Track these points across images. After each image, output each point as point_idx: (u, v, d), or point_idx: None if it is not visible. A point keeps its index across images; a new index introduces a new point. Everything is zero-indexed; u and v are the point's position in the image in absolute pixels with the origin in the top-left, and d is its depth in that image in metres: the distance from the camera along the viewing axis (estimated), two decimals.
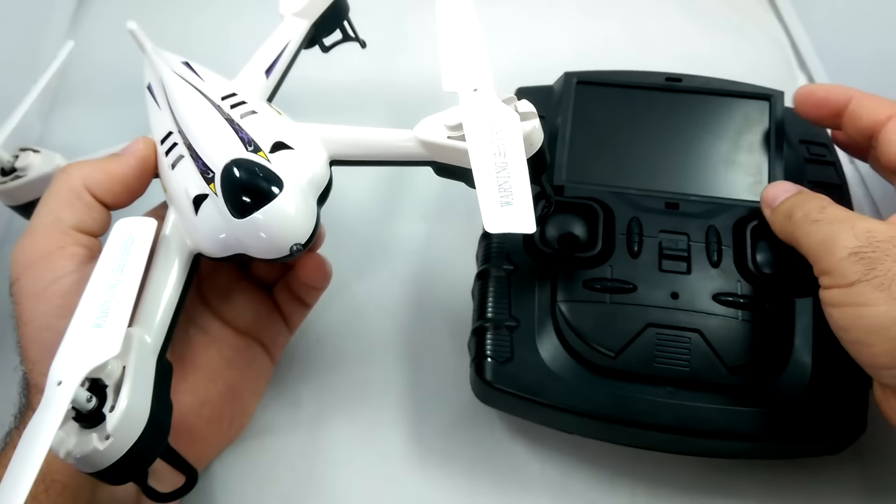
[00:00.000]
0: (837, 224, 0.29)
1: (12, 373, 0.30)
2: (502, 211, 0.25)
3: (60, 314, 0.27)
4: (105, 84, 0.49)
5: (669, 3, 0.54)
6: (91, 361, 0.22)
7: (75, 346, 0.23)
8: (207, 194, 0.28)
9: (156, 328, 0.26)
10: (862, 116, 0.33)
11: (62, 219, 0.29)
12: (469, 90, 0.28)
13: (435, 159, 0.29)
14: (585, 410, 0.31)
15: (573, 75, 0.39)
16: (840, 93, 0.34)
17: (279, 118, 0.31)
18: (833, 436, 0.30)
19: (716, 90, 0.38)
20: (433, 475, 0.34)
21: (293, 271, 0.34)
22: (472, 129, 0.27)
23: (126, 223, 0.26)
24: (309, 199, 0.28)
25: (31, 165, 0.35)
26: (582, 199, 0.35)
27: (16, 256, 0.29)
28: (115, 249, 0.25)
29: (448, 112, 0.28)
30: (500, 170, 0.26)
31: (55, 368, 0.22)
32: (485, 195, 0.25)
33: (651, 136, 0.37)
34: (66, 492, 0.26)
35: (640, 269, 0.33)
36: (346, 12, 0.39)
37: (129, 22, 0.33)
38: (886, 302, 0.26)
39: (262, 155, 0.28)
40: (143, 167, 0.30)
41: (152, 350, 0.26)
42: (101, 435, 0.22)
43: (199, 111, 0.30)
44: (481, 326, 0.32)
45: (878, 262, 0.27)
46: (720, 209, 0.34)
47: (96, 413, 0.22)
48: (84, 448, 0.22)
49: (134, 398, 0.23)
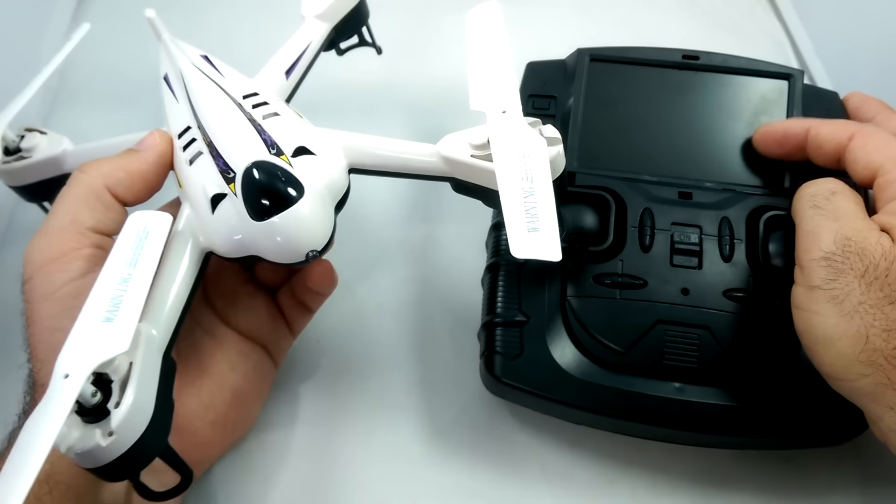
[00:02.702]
0: (831, 220, 0.29)
1: (14, 372, 0.30)
2: (529, 237, 0.25)
3: (72, 316, 0.26)
4: (106, 83, 0.48)
5: (669, 2, 0.54)
6: (100, 356, 0.22)
7: (84, 340, 0.22)
8: (226, 194, 0.27)
9: (163, 325, 0.26)
10: (823, 144, 0.32)
11: (80, 219, 0.28)
12: (497, 111, 0.28)
13: (456, 176, 0.29)
14: (594, 407, 0.31)
15: (586, 52, 0.37)
16: (797, 126, 0.33)
17: (301, 122, 0.30)
18: (836, 431, 0.31)
19: (733, 68, 0.37)
20: (433, 473, 0.34)
21: (299, 276, 0.34)
22: (500, 151, 0.27)
23: (140, 217, 0.26)
24: (327, 205, 0.28)
25: (37, 147, 0.34)
26: (594, 189, 0.34)
27: (30, 255, 0.28)
28: (128, 243, 0.25)
29: (473, 131, 0.28)
30: (527, 195, 0.26)
31: (62, 361, 0.22)
32: (512, 220, 0.25)
33: (665, 117, 0.36)
34: (70, 493, 0.26)
35: (651, 264, 0.32)
36: (366, 17, 0.39)
37: (148, 10, 0.32)
38: (836, 316, 0.27)
39: (285, 159, 0.27)
40: (162, 162, 0.30)
41: (159, 347, 0.25)
42: (105, 431, 0.22)
43: (221, 109, 0.29)
44: (491, 321, 0.32)
45: (840, 274, 0.27)
46: (734, 199, 0.34)
47: (100, 408, 0.22)
48: (87, 443, 0.22)
49: (140, 395, 0.23)
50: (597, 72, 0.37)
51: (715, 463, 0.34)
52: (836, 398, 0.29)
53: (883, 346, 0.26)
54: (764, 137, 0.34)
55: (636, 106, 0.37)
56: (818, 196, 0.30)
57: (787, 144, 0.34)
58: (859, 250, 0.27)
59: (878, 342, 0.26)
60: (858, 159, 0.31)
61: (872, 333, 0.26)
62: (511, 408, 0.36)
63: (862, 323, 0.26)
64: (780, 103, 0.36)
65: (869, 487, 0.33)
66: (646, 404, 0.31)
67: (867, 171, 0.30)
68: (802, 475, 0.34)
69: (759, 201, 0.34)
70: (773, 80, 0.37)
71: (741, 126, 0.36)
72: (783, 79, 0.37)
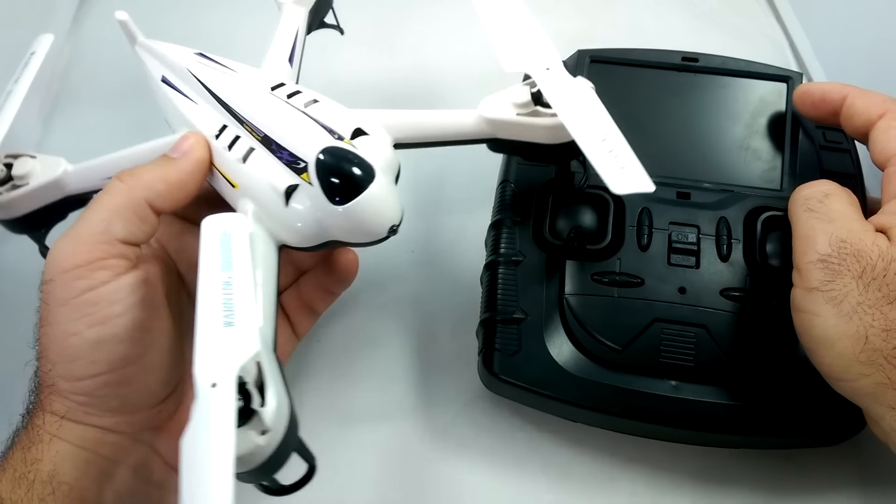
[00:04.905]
0: (825, 223, 0.29)
1: (14, 371, 0.30)
2: (623, 173, 0.26)
3: (90, 322, 0.27)
4: (107, 84, 0.48)
5: (669, 3, 0.54)
6: (238, 359, 0.22)
7: (214, 347, 0.22)
8: (298, 184, 0.28)
9: (267, 322, 0.26)
10: (855, 116, 0.32)
11: (112, 230, 0.28)
12: (542, 69, 0.30)
13: (499, 136, 0.31)
14: (591, 404, 0.31)
15: (586, 53, 0.38)
16: (836, 91, 0.33)
17: (339, 106, 0.31)
18: (834, 430, 0.31)
19: (732, 71, 0.37)
20: (434, 471, 0.34)
21: (314, 274, 0.34)
22: (563, 106, 0.29)
23: (214, 221, 0.26)
24: (391, 181, 0.29)
25: (30, 173, 0.32)
26: (593, 189, 0.34)
27: (53, 257, 0.27)
28: (214, 249, 0.25)
29: (513, 91, 0.30)
30: (603, 139, 0.27)
31: (201, 371, 0.21)
32: (602, 163, 0.27)
33: (664, 118, 0.37)
34: (72, 493, 0.26)
35: (648, 263, 0.33)
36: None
37: (119, 12, 0.32)
38: (835, 317, 0.27)
39: (347, 142, 0.28)
40: (201, 168, 0.30)
41: (270, 343, 0.26)
42: (258, 430, 0.22)
43: (265, 103, 0.30)
44: (490, 318, 0.33)
45: (838, 276, 0.27)
46: (732, 199, 0.34)
47: (244, 411, 0.22)
48: (246, 445, 0.22)
49: (278, 390, 0.23)
50: (597, 73, 0.37)
51: (714, 461, 0.34)
52: (833, 397, 0.29)
53: (882, 345, 0.26)
54: (802, 98, 0.34)
55: (636, 107, 0.37)
56: (812, 199, 0.30)
57: (823, 108, 0.33)
58: (855, 252, 0.27)
59: (878, 342, 0.26)
60: (878, 140, 0.31)
61: (872, 333, 0.26)
62: (511, 406, 0.36)
63: (861, 323, 0.26)
64: (779, 105, 0.36)
65: (868, 486, 0.33)
66: (642, 402, 0.31)
67: (882, 156, 0.30)
68: (802, 474, 0.34)
69: (756, 202, 0.34)
70: (772, 82, 0.37)
71: (740, 128, 0.36)
72: (782, 81, 0.37)
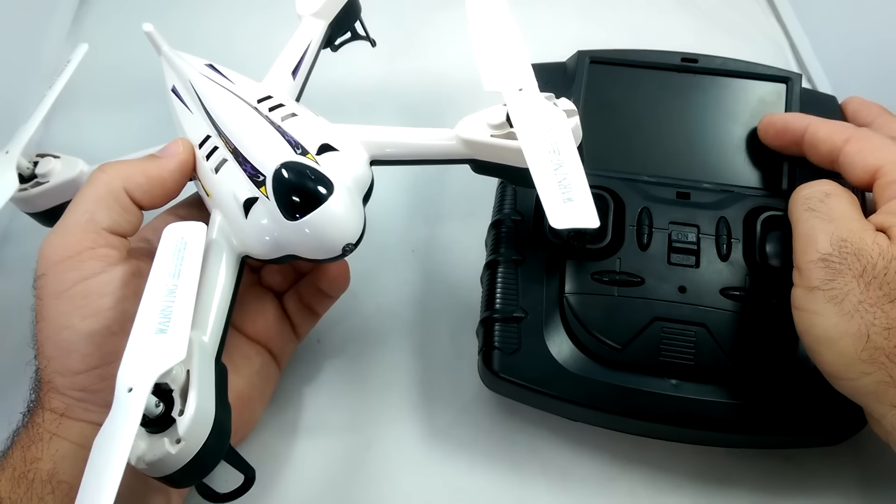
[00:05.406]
0: (826, 222, 0.29)
1: (14, 371, 0.30)
2: (565, 207, 0.26)
3: (82, 315, 0.27)
4: (107, 86, 0.48)
5: (669, 3, 0.54)
6: (160, 367, 0.22)
7: (141, 353, 0.23)
8: (257, 197, 0.28)
9: (212, 331, 0.27)
10: (819, 143, 0.32)
11: (97, 219, 0.29)
12: (514, 90, 0.29)
13: (476, 157, 0.30)
14: (591, 402, 0.31)
15: (586, 54, 0.38)
16: (797, 122, 0.34)
17: (318, 120, 0.31)
18: (833, 430, 0.31)
19: (732, 71, 0.37)
20: (433, 472, 0.34)
21: (308, 279, 0.34)
22: (524, 128, 0.28)
23: (176, 228, 0.26)
24: (356, 199, 0.28)
25: (52, 171, 0.35)
26: (593, 189, 0.34)
27: (44, 251, 0.28)
28: (168, 255, 0.26)
29: (489, 111, 0.29)
30: (556, 167, 0.27)
31: (123, 375, 0.22)
32: (546, 193, 0.26)
33: (664, 119, 0.37)
34: (72, 493, 0.26)
35: (648, 262, 0.33)
36: (358, 12, 0.39)
37: (146, 24, 0.32)
38: (836, 315, 0.27)
39: (311, 157, 0.28)
40: (183, 171, 0.30)
41: (210, 353, 0.26)
42: (172, 439, 0.22)
43: (241, 115, 0.30)
44: (490, 317, 0.33)
45: (838, 275, 0.27)
46: (732, 199, 0.34)
47: (163, 418, 0.23)
48: (156, 452, 0.22)
49: (201, 401, 0.23)
50: (597, 74, 0.38)
51: (714, 461, 0.34)
52: (833, 397, 0.29)
53: (884, 344, 0.26)
54: (765, 127, 0.35)
55: (636, 107, 0.37)
56: (812, 199, 0.30)
57: (785, 137, 0.34)
58: (856, 251, 0.27)
59: (879, 340, 0.26)
60: (856, 163, 0.31)
61: (873, 332, 0.26)
62: (511, 406, 0.36)
63: (862, 322, 0.26)
64: (778, 106, 0.36)
65: (868, 486, 0.33)
66: (642, 400, 0.31)
67: (865, 174, 0.30)
68: (802, 474, 0.34)
69: (756, 202, 0.34)
70: (772, 83, 0.37)
71: (739, 128, 0.36)
72: (781, 82, 0.37)
